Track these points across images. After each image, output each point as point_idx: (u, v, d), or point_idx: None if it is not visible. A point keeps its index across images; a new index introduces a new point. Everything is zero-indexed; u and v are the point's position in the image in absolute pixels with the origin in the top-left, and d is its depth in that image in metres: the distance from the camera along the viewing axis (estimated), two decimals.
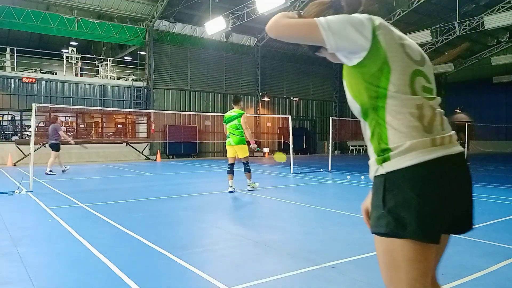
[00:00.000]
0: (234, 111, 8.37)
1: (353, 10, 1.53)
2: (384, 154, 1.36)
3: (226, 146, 8.29)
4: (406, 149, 1.32)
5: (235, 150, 8.12)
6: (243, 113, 8.28)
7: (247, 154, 8.20)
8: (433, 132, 1.35)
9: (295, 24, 1.47)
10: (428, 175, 1.31)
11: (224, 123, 8.49)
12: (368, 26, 1.40)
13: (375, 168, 1.39)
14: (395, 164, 1.33)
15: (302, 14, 1.62)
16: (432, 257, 1.36)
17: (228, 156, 8.20)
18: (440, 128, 1.37)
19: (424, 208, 1.29)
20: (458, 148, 1.41)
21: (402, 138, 1.33)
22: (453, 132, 1.43)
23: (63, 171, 12.45)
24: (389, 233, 1.33)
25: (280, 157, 9.73)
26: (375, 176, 1.40)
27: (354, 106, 1.46)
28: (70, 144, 12.62)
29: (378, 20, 1.47)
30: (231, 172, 8.03)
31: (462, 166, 1.44)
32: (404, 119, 1.34)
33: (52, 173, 11.82)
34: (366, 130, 1.45)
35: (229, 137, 8.20)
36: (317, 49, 1.58)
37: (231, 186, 7.95)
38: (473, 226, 1.56)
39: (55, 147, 12.04)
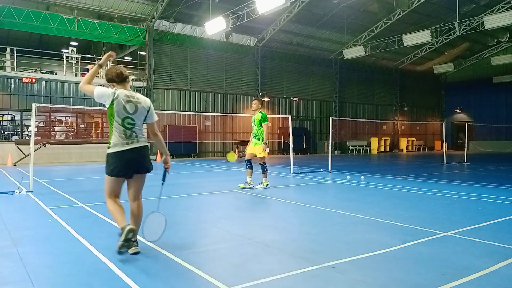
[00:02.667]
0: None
1: (112, 82, 3.85)
2: (108, 144, 3.77)
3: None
4: (113, 144, 3.72)
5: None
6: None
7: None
8: (128, 139, 3.72)
9: (88, 88, 3.79)
10: (116, 154, 3.70)
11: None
12: (110, 97, 3.67)
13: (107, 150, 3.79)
14: (109, 150, 3.74)
15: (101, 64, 4.02)
16: (116, 182, 3.80)
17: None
18: (134, 137, 3.75)
19: (110, 165, 3.73)
20: (139, 144, 3.78)
21: (114, 140, 3.72)
22: (142, 139, 3.84)
23: None
24: (105, 173, 3.79)
25: (231, 157, 9.94)
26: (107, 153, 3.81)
27: None
28: None
29: (117, 94, 3.70)
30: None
31: (137, 151, 3.77)
32: (117, 134, 3.71)
33: None
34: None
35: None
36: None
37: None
38: (148, 172, 3.92)
39: None
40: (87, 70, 20.47)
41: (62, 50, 20.63)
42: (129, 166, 3.75)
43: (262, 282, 3.08)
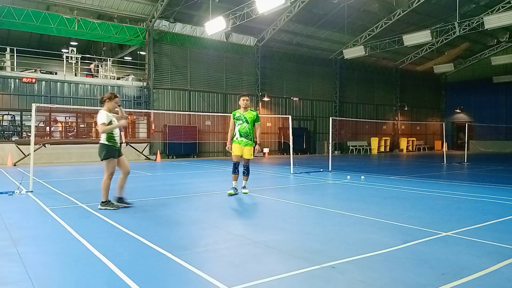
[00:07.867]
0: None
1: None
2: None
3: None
4: None
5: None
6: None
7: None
8: None
9: (104, 128, 6.08)
10: None
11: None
12: (109, 116, 6.21)
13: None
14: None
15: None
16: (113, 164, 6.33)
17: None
18: None
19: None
20: None
21: None
22: None
23: None
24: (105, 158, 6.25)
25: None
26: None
27: None
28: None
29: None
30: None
31: None
32: None
33: None
34: None
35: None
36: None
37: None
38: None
39: None
40: (89, 70, 20.49)
41: (62, 50, 20.62)
42: None
43: (262, 282, 3.08)
